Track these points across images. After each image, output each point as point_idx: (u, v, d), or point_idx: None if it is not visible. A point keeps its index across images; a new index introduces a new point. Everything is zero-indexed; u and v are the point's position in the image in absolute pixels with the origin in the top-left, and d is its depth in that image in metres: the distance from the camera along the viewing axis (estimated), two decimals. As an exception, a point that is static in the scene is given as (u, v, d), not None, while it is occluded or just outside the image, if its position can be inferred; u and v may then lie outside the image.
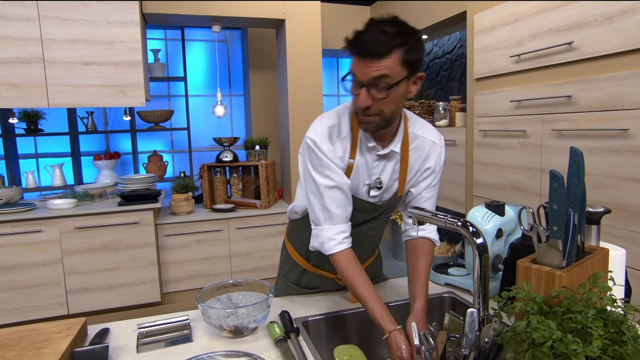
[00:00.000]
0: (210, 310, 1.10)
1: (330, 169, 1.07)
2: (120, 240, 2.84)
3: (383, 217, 1.22)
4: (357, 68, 0.95)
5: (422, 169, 1.17)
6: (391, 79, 0.93)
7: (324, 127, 1.08)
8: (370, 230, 1.22)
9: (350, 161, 1.10)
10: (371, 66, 0.92)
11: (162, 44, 3.95)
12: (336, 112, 1.12)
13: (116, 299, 2.88)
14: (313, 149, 1.07)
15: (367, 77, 0.94)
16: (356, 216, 1.16)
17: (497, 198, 2.43)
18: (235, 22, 3.24)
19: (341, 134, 1.09)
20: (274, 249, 3.30)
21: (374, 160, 1.11)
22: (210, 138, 4.19)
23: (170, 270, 3.05)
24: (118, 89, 2.83)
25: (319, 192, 1.08)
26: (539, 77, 2.10)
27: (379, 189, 1.14)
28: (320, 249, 1.11)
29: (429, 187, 1.19)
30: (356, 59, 0.95)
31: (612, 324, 0.63)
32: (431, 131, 1.18)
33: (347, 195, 1.10)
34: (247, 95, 4.16)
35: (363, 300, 1.03)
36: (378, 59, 0.92)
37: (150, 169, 3.58)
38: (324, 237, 1.09)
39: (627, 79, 1.69)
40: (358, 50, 0.93)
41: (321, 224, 1.10)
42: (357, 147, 1.10)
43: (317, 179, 1.08)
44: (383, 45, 0.91)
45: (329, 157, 1.06)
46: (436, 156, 1.17)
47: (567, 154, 2.05)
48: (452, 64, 3.70)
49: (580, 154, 0.76)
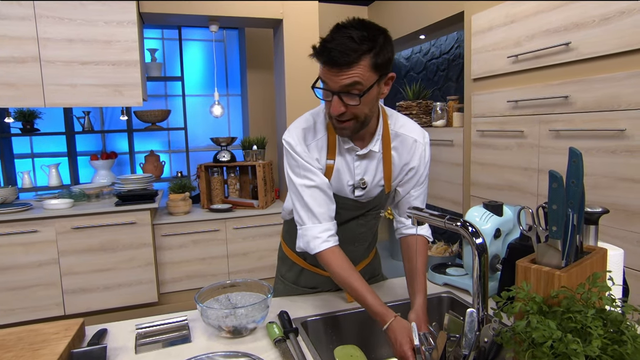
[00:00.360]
0: (209, 310, 1.10)
1: (307, 169, 1.07)
2: (117, 240, 2.83)
3: (372, 214, 1.21)
4: (327, 77, 0.93)
5: (407, 169, 1.16)
6: (363, 85, 0.92)
7: (298, 130, 1.09)
8: (359, 227, 1.22)
9: (330, 162, 1.10)
10: (341, 75, 0.90)
11: (159, 43, 3.94)
12: (312, 113, 1.13)
13: (113, 300, 2.87)
14: (289, 150, 1.09)
15: (338, 85, 0.92)
16: (342, 214, 1.16)
17: (495, 198, 2.44)
18: (232, 21, 3.23)
19: (316, 135, 1.09)
20: (272, 249, 3.30)
21: (354, 161, 1.11)
22: (207, 138, 4.19)
23: (168, 271, 3.04)
24: (115, 88, 2.82)
25: (298, 193, 1.09)
26: (536, 78, 2.11)
27: (363, 189, 1.14)
28: (306, 248, 1.10)
29: (417, 186, 1.18)
30: (325, 68, 0.93)
31: (611, 324, 0.63)
32: (413, 128, 1.16)
33: (328, 194, 1.10)
34: (244, 95, 4.16)
35: (357, 294, 1.03)
36: (347, 67, 0.90)
37: (147, 169, 3.57)
38: (308, 236, 1.09)
39: (624, 79, 1.70)
40: (326, 61, 0.91)
41: (305, 223, 1.10)
42: (335, 148, 1.10)
43: (295, 180, 1.09)
44: (351, 54, 0.89)
45: (304, 158, 1.07)
46: (419, 155, 1.15)
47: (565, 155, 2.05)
48: (449, 64, 3.71)
49: (579, 154, 0.76)
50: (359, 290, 1.03)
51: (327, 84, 0.94)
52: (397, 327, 0.96)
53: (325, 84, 0.95)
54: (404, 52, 4.49)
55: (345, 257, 1.09)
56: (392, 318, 0.98)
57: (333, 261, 1.06)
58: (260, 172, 3.26)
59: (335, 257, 1.07)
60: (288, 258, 1.35)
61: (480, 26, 2.46)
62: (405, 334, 0.95)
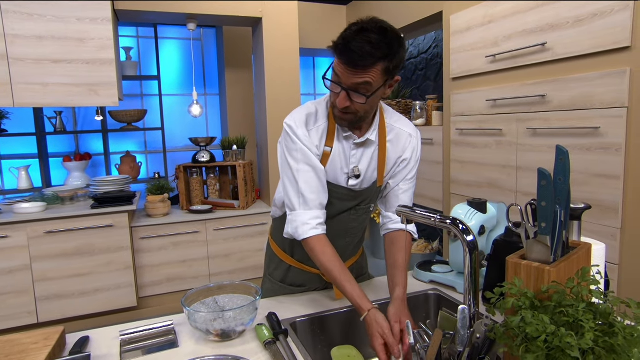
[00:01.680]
0: (197, 314, 1.08)
1: (305, 154, 1.09)
2: (94, 244, 2.74)
3: (363, 208, 1.22)
4: (341, 73, 0.97)
5: (399, 161, 1.20)
6: (372, 87, 0.97)
7: (301, 114, 1.11)
8: (351, 222, 1.23)
9: (327, 149, 1.12)
10: (355, 75, 0.95)
11: (133, 41, 3.85)
12: (314, 102, 1.16)
13: (90, 305, 2.78)
14: (289, 133, 1.10)
15: (350, 82, 0.97)
16: (336, 205, 1.17)
17: (474, 195, 2.48)
18: (211, 20, 3.19)
19: (317, 122, 1.12)
20: (253, 250, 3.27)
21: (351, 149, 1.14)
22: (185, 138, 4.11)
23: (147, 274, 2.97)
24: (89, 87, 2.73)
25: (293, 177, 1.10)
26: (514, 77, 2.16)
27: (357, 178, 1.16)
28: (294, 234, 1.12)
29: (406, 180, 1.21)
30: (342, 65, 0.96)
31: (601, 316, 0.65)
32: (407, 124, 1.21)
33: (322, 181, 1.11)
34: (222, 95, 4.10)
35: (339, 282, 1.05)
36: (362, 70, 0.94)
37: (124, 170, 3.48)
38: (298, 222, 1.10)
39: (597, 79, 1.76)
40: (345, 61, 0.95)
41: (296, 209, 1.11)
42: (334, 135, 1.12)
43: (292, 164, 1.10)
44: (369, 59, 0.93)
45: (304, 142, 1.09)
46: (412, 148, 1.20)
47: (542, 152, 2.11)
48: (427, 64, 3.76)
49: (565, 152, 0.78)
50: (339, 278, 1.05)
51: (339, 79, 0.98)
52: (369, 320, 0.98)
53: (337, 77, 0.99)
54: (382, 52, 4.51)
55: (331, 246, 1.10)
56: (367, 311, 0.99)
57: (319, 247, 1.08)
58: (241, 172, 3.22)
59: (322, 244, 1.08)
60: (276, 256, 1.34)
61: (458, 26, 2.50)
62: (376, 328, 0.96)
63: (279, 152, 1.17)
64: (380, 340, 0.94)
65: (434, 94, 3.26)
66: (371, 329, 0.97)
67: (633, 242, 1.69)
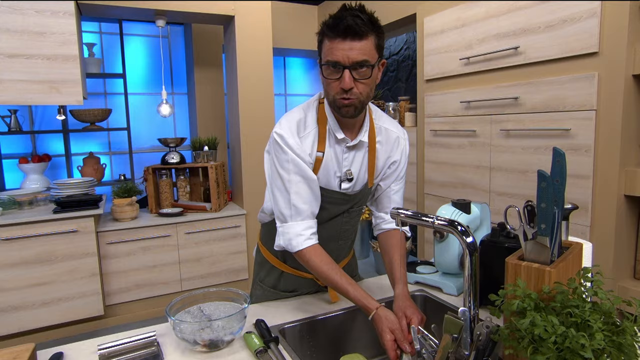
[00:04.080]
0: (183, 324, 1.03)
1: (296, 164, 1.07)
2: (56, 251, 2.59)
3: (355, 210, 1.22)
4: (338, 52, 0.97)
5: (389, 163, 1.20)
6: (369, 64, 0.99)
7: (291, 122, 1.08)
8: (344, 224, 1.22)
9: (319, 154, 1.10)
10: (353, 48, 0.96)
11: (96, 37, 3.67)
12: (302, 107, 1.13)
13: (52, 316, 2.62)
14: (280, 143, 1.07)
15: (350, 60, 0.97)
16: (329, 209, 1.15)
17: (448, 195, 2.53)
18: (181, 17, 3.08)
19: (307, 128, 1.10)
20: (226, 254, 3.19)
21: (343, 152, 1.13)
22: (151, 138, 3.97)
23: (114, 281, 2.84)
24: (50, 85, 2.57)
25: (285, 188, 1.08)
26: (488, 80, 2.22)
27: (349, 181, 1.15)
28: (287, 246, 1.09)
29: (397, 180, 1.23)
30: (337, 42, 0.97)
31: (605, 316, 0.66)
32: (395, 125, 1.22)
33: (314, 190, 1.10)
34: (191, 94, 3.99)
35: (342, 287, 1.04)
36: (359, 39, 0.96)
37: (87, 172, 3.31)
38: (290, 234, 1.08)
39: (568, 83, 1.83)
40: (342, 30, 0.95)
41: (287, 220, 1.08)
42: (325, 140, 1.10)
43: (283, 175, 1.07)
44: (363, 27, 0.96)
45: (295, 152, 1.06)
46: (401, 149, 1.21)
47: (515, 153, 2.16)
48: (398, 66, 3.80)
49: (562, 154, 0.79)
50: (341, 283, 1.04)
51: (337, 61, 0.97)
52: (378, 317, 0.99)
53: (335, 62, 0.97)
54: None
55: (326, 254, 1.09)
56: (374, 309, 1.00)
57: (317, 257, 1.06)
58: (213, 173, 3.14)
59: (319, 253, 1.07)
60: (267, 262, 1.30)
61: (432, 28, 2.54)
62: (386, 324, 0.96)
63: (267, 161, 1.13)
64: (390, 336, 0.94)
65: (406, 96, 3.30)
66: (381, 325, 0.96)
67: (601, 239, 1.77)
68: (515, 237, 1.18)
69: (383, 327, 0.96)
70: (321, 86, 1.08)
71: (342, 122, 1.10)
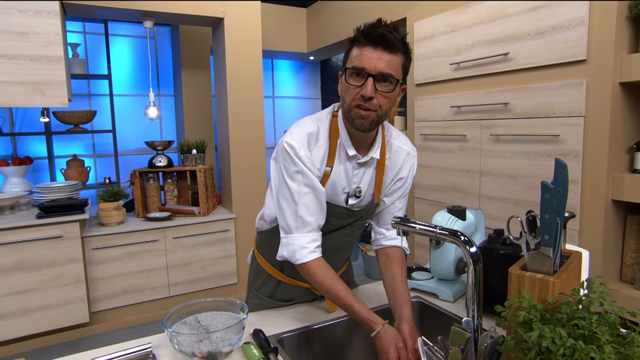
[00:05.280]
0: (181, 336, 1.01)
1: (306, 175, 1.05)
2: (40, 257, 2.52)
3: (359, 224, 1.21)
4: (366, 59, 0.96)
5: (396, 179, 1.19)
6: (394, 77, 0.98)
7: (302, 133, 1.06)
8: (346, 237, 1.21)
9: (327, 169, 1.09)
10: (382, 59, 0.95)
11: (80, 37, 3.59)
12: (315, 119, 1.11)
13: (35, 324, 2.55)
14: (290, 154, 1.05)
15: (377, 69, 0.96)
16: (333, 222, 1.14)
17: (438, 200, 2.55)
18: (169, 18, 3.04)
19: (319, 141, 1.08)
20: (215, 258, 3.16)
21: (353, 169, 1.11)
22: (137, 141, 3.91)
23: (100, 287, 2.77)
24: (34, 87, 2.50)
25: (292, 199, 1.06)
26: (478, 85, 2.24)
27: (357, 198, 1.13)
28: (291, 258, 1.07)
29: (401, 197, 1.21)
30: (368, 49, 0.96)
31: (611, 327, 0.66)
32: (405, 141, 1.20)
33: (321, 203, 1.08)
34: (178, 96, 3.94)
35: (346, 302, 1.04)
36: (390, 52, 0.96)
37: (70, 176, 3.23)
38: (295, 246, 1.06)
39: (557, 89, 1.86)
40: (376, 38, 0.95)
41: (292, 232, 1.07)
42: (335, 155, 1.09)
43: (292, 185, 1.06)
44: (395, 42, 0.96)
45: (305, 164, 1.05)
46: (410, 166, 1.20)
47: (505, 158, 2.19)
48: (387, 69, 3.82)
49: (564, 165, 0.80)
50: (346, 298, 1.03)
51: (364, 68, 0.96)
52: (384, 335, 0.98)
53: (361, 68, 0.97)
54: (341, 55, 4.54)
55: (329, 267, 1.08)
56: (380, 326, 0.99)
57: (322, 271, 1.05)
58: (202, 177, 3.10)
59: (323, 267, 1.06)
60: (263, 271, 1.28)
61: (423, 33, 2.56)
62: (392, 342, 0.97)
63: (274, 170, 1.11)
64: (396, 354, 0.94)
65: (395, 99, 3.31)
66: (385, 343, 0.96)
67: (590, 243, 1.80)
68: (511, 244, 1.19)
69: (388, 345, 0.95)
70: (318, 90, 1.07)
71: (355, 138, 1.08)
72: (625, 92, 1.74)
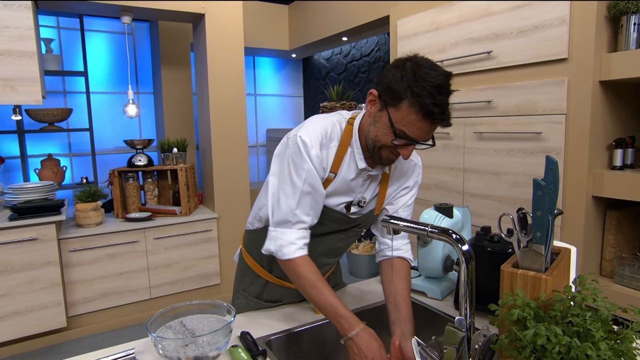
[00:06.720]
0: (166, 341, 0.97)
1: (311, 174, 1.02)
2: (13, 260, 2.42)
3: (354, 231, 1.19)
4: (420, 132, 0.94)
5: (401, 187, 1.18)
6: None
7: (317, 131, 1.03)
8: (339, 242, 1.19)
9: (331, 175, 1.07)
10: (431, 132, 0.96)
11: (53, 32, 3.47)
12: (330, 120, 1.07)
13: (8, 331, 2.45)
14: (301, 150, 1.01)
15: (427, 137, 0.96)
16: (328, 225, 1.12)
17: (422, 197, 2.56)
18: (149, 14, 2.96)
19: (331, 143, 1.05)
20: (197, 258, 3.10)
21: (363, 180, 1.10)
22: (114, 139, 3.81)
23: (78, 290, 2.69)
24: (5, 83, 2.40)
25: (293, 195, 1.03)
26: (461, 83, 2.25)
27: (360, 207, 1.12)
28: (277, 252, 1.04)
29: (405, 206, 1.19)
30: (425, 122, 0.92)
31: (603, 324, 0.67)
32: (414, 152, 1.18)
33: (319, 204, 1.06)
34: (157, 94, 3.86)
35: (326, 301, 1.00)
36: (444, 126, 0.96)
37: (45, 176, 3.12)
38: (283, 241, 1.03)
39: (539, 87, 1.88)
40: (440, 119, 0.93)
41: (283, 226, 1.04)
42: (341, 162, 1.06)
43: (295, 180, 1.03)
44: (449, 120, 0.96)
45: (314, 163, 1.02)
46: (416, 176, 1.19)
47: (488, 155, 2.20)
48: (370, 67, 3.82)
49: (555, 162, 0.80)
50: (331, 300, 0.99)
51: (417, 137, 0.94)
52: (365, 337, 0.95)
53: (413, 140, 0.94)
54: (323, 53, 4.53)
55: (316, 267, 1.05)
56: (361, 326, 0.96)
57: (306, 268, 1.02)
58: (183, 176, 3.04)
59: (309, 265, 1.03)
60: (251, 271, 1.25)
61: (406, 31, 2.56)
62: (376, 348, 0.94)
63: (279, 162, 1.07)
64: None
65: (379, 97, 3.31)
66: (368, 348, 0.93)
67: (571, 238, 1.83)
68: (499, 242, 1.20)
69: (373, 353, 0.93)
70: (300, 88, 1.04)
71: (366, 150, 1.06)
72: (605, 90, 1.77)
